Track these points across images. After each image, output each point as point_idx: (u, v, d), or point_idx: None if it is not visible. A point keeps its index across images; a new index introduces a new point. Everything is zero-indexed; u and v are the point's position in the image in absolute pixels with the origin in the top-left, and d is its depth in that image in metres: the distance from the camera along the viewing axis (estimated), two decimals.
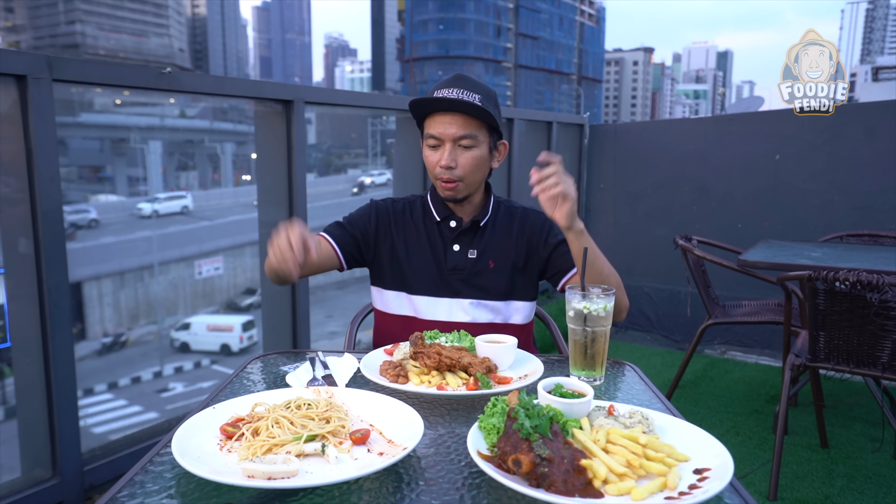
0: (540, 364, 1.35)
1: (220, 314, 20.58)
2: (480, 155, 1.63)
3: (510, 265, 1.70)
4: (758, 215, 4.44)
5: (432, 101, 1.59)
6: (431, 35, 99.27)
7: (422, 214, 1.74)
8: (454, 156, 1.60)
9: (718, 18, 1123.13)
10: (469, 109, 1.58)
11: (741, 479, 2.71)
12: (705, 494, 0.82)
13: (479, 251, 1.69)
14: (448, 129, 1.59)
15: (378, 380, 1.26)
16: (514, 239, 1.71)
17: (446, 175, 1.61)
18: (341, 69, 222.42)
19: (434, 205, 1.73)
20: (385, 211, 1.75)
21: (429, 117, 1.63)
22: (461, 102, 1.56)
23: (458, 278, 1.69)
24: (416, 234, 1.73)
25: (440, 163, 1.61)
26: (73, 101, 25.49)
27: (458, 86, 1.60)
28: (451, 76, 1.65)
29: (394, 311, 1.74)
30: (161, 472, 0.94)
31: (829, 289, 2.34)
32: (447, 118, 1.59)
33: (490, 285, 1.69)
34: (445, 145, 1.60)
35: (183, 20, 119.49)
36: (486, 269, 1.69)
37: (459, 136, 1.59)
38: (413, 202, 1.78)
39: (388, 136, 41.76)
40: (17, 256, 2.00)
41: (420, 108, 1.63)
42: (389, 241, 1.73)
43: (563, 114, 26.84)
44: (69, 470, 2.11)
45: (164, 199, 24.72)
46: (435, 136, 1.61)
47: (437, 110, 1.61)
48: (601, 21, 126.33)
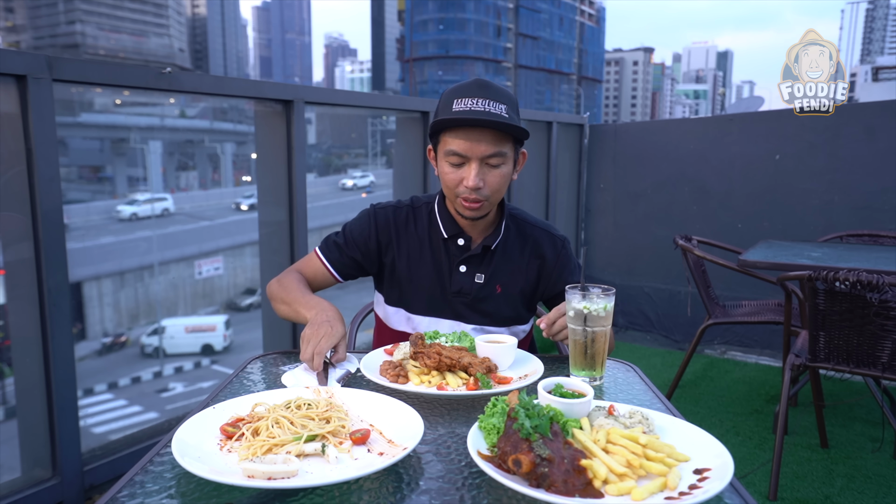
0: (540, 364, 1.35)
1: (195, 315, 20.31)
2: (508, 172, 1.49)
3: (518, 291, 1.61)
4: (758, 215, 4.44)
5: (463, 116, 1.41)
6: (431, 35, 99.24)
7: (427, 227, 1.61)
8: (482, 175, 1.45)
9: (718, 18, 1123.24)
10: (500, 126, 1.42)
11: (741, 479, 2.71)
12: (705, 494, 0.82)
13: (487, 276, 1.59)
14: (477, 148, 1.43)
15: (378, 380, 1.26)
16: (525, 265, 1.61)
17: (473, 196, 1.46)
18: (341, 69, 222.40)
19: (442, 220, 1.60)
20: (385, 223, 1.62)
21: (450, 131, 1.45)
22: (492, 120, 1.40)
23: (462, 302, 1.59)
24: (419, 249, 1.61)
25: (466, 183, 1.44)
26: (73, 101, 25.46)
27: (483, 96, 1.42)
28: (472, 82, 1.47)
29: (393, 325, 1.67)
30: (161, 472, 0.94)
31: (829, 289, 2.34)
32: (475, 134, 1.42)
33: (495, 311, 1.61)
34: (472, 164, 1.44)
35: (183, 20, 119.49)
36: (493, 294, 1.60)
37: (489, 155, 1.44)
38: (418, 210, 1.64)
39: (388, 136, 41.76)
40: (17, 256, 2.00)
41: (444, 122, 1.44)
42: (391, 255, 1.62)
43: (563, 114, 26.80)
44: (69, 470, 2.11)
45: (144, 201, 24.06)
46: (460, 153, 1.44)
47: (464, 124, 1.43)
48: (601, 21, 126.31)
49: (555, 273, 1.63)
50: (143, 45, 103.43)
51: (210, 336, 18.48)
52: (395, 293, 1.65)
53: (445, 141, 1.47)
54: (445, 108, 1.46)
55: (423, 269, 1.60)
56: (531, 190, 4.99)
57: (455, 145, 1.44)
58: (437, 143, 1.52)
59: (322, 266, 1.63)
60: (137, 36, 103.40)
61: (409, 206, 1.65)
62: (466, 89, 1.45)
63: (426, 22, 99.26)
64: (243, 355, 11.92)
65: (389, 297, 1.67)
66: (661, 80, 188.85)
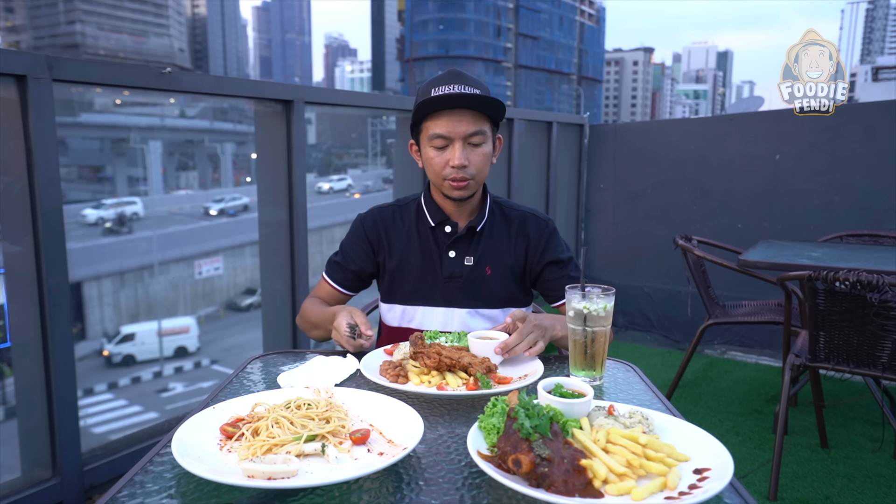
0: (540, 364, 1.35)
1: (165, 318, 19.81)
2: (489, 151, 1.58)
3: (508, 271, 1.65)
4: (758, 215, 4.44)
5: (442, 98, 1.50)
6: (431, 35, 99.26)
7: (415, 219, 1.68)
8: (466, 154, 1.53)
9: (718, 18, 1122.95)
10: (478, 104, 1.51)
11: (741, 479, 2.71)
12: (705, 494, 0.82)
13: (476, 258, 1.64)
14: (458, 127, 1.51)
15: (378, 380, 1.26)
16: (512, 244, 1.66)
17: (459, 175, 1.54)
18: (341, 69, 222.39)
19: (429, 209, 1.66)
20: (373, 224, 1.69)
21: (431, 117, 1.54)
22: (471, 97, 1.49)
23: (455, 287, 1.63)
24: (407, 241, 1.67)
25: (452, 162, 1.53)
26: (73, 101, 25.43)
27: (459, 81, 1.53)
28: (446, 72, 1.58)
29: (388, 321, 1.72)
30: (161, 472, 0.94)
31: (829, 289, 2.34)
32: (454, 115, 1.51)
33: (487, 293, 1.64)
34: (455, 144, 1.53)
35: (183, 20, 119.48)
36: (483, 276, 1.64)
37: (470, 133, 1.52)
38: (404, 206, 1.71)
39: (388, 136, 41.75)
40: (17, 256, 2.00)
41: (424, 107, 1.53)
42: (383, 253, 1.69)
43: (563, 114, 26.81)
44: (69, 470, 2.11)
45: (111, 205, 23.58)
46: (443, 135, 1.52)
47: (442, 108, 1.52)
48: (601, 21, 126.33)
49: (539, 249, 1.67)
50: (143, 45, 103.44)
51: (184, 338, 18.21)
52: (389, 288, 1.70)
53: (427, 127, 1.56)
54: (424, 97, 1.55)
55: (414, 260, 1.66)
56: (531, 190, 4.99)
57: (438, 128, 1.53)
58: (420, 132, 1.60)
59: (330, 287, 1.74)
60: (137, 36, 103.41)
61: (395, 205, 1.74)
62: (442, 79, 1.57)
63: (426, 22, 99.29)
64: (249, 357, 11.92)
65: (385, 293, 1.72)
66: (661, 80, 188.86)
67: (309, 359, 1.44)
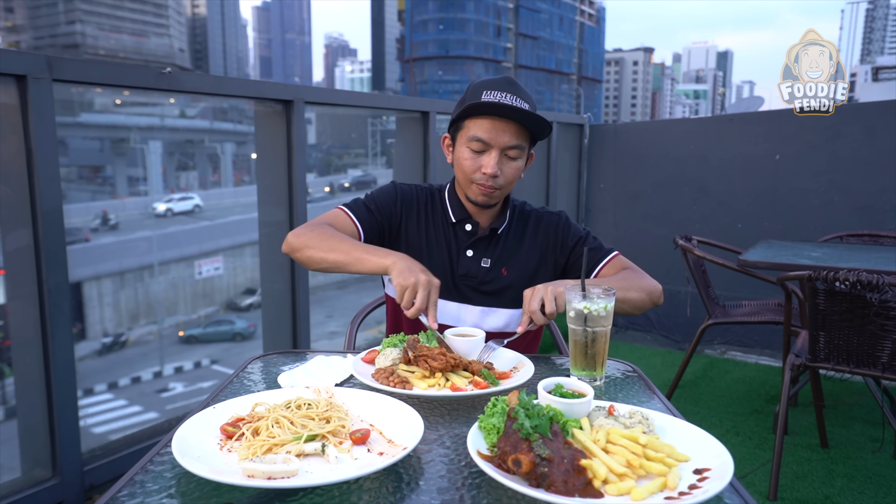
0: (525, 358, 1.36)
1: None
2: (521, 167, 1.58)
3: (523, 273, 1.65)
4: (758, 215, 4.44)
5: (493, 105, 1.48)
6: (431, 35, 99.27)
7: (440, 211, 1.68)
8: (501, 164, 1.53)
9: (718, 18, 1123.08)
10: (526, 120, 1.50)
11: (741, 479, 2.71)
12: (705, 494, 0.82)
13: (493, 260, 1.64)
14: (501, 137, 1.51)
15: (380, 388, 1.23)
16: (528, 245, 1.67)
17: (489, 182, 1.53)
18: (341, 69, 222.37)
19: (452, 205, 1.67)
20: (409, 195, 1.68)
21: (475, 118, 1.53)
22: (521, 111, 1.48)
23: (469, 285, 1.64)
24: (433, 230, 1.66)
25: (485, 170, 1.52)
26: (73, 101, 25.43)
27: (513, 92, 1.52)
28: (502, 79, 1.56)
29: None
30: (161, 472, 0.94)
31: (829, 289, 2.34)
32: (501, 124, 1.51)
33: (501, 293, 1.64)
34: (492, 152, 1.52)
35: (183, 20, 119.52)
36: (499, 277, 1.64)
37: (510, 146, 1.52)
38: (433, 194, 1.71)
39: (388, 136, 41.72)
40: (17, 257, 2.00)
41: (473, 108, 1.51)
42: (405, 230, 1.66)
43: (564, 114, 26.83)
44: (69, 470, 2.11)
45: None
46: (484, 140, 1.51)
47: (489, 113, 1.51)
48: (601, 21, 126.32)
49: (559, 241, 1.67)
50: (143, 45, 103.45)
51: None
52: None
53: (469, 127, 1.54)
54: (474, 97, 1.53)
55: (434, 251, 1.65)
56: (531, 190, 4.99)
57: (481, 132, 1.51)
58: (459, 129, 1.57)
59: (352, 224, 1.61)
60: (137, 36, 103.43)
61: (429, 189, 1.72)
62: (496, 83, 1.53)
63: (426, 22, 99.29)
64: (249, 357, 11.89)
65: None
66: (661, 80, 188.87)
67: (309, 359, 1.44)
